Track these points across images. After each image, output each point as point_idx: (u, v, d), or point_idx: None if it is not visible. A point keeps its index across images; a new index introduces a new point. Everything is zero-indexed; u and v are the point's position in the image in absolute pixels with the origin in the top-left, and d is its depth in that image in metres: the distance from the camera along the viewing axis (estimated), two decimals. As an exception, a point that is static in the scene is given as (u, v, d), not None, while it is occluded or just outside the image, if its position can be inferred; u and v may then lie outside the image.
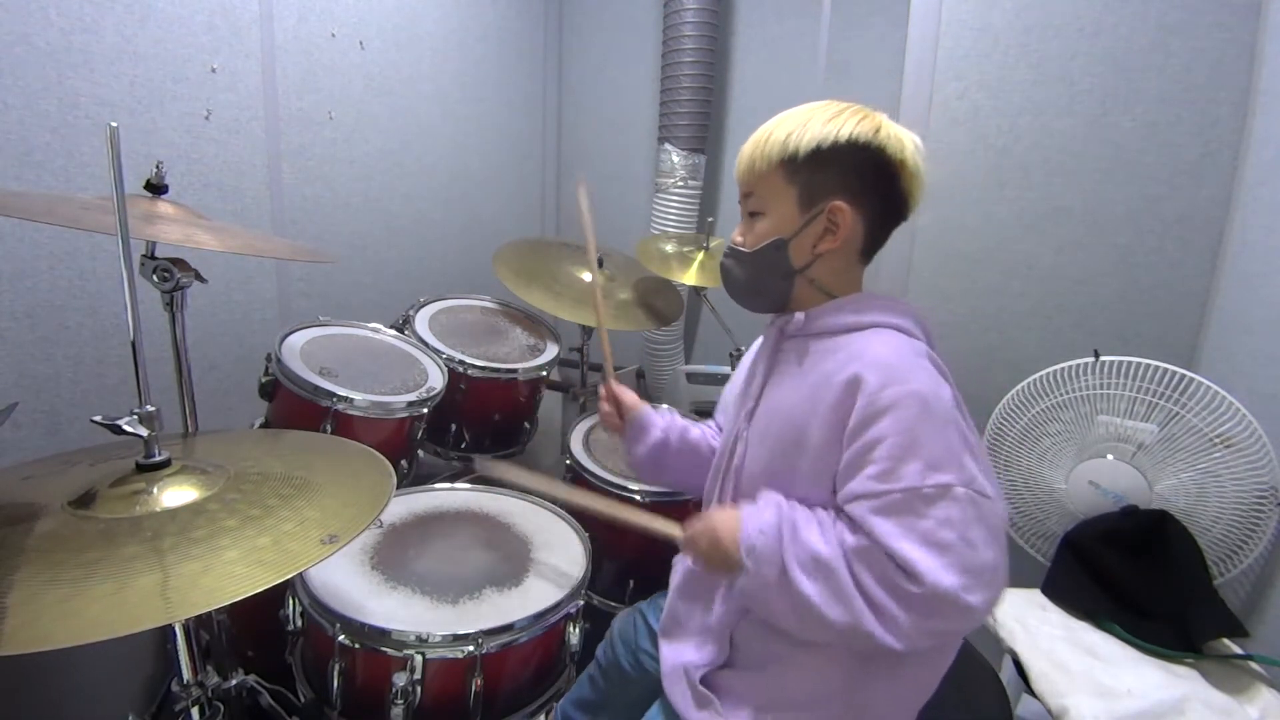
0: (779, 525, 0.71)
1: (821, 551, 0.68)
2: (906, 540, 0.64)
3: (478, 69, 2.19)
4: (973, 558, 0.64)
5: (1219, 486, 1.20)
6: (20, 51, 1.13)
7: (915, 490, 0.65)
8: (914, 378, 0.69)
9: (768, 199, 0.79)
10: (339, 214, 1.77)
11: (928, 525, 0.64)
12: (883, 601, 0.65)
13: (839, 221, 0.77)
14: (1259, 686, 1.06)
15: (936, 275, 1.69)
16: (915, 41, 1.60)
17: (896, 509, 0.66)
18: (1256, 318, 1.31)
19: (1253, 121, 1.40)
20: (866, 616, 0.65)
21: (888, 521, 0.66)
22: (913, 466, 0.66)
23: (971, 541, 0.64)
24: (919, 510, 0.65)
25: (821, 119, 0.76)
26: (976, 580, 0.64)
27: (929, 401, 0.68)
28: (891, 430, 0.67)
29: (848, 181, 0.76)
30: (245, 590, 0.56)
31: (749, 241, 0.81)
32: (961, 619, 0.65)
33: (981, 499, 0.66)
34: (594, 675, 1.05)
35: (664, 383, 2.44)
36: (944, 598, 0.63)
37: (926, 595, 0.63)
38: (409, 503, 1.19)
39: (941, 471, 0.65)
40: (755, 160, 0.79)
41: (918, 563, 0.63)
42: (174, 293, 0.99)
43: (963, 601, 0.63)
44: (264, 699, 0.97)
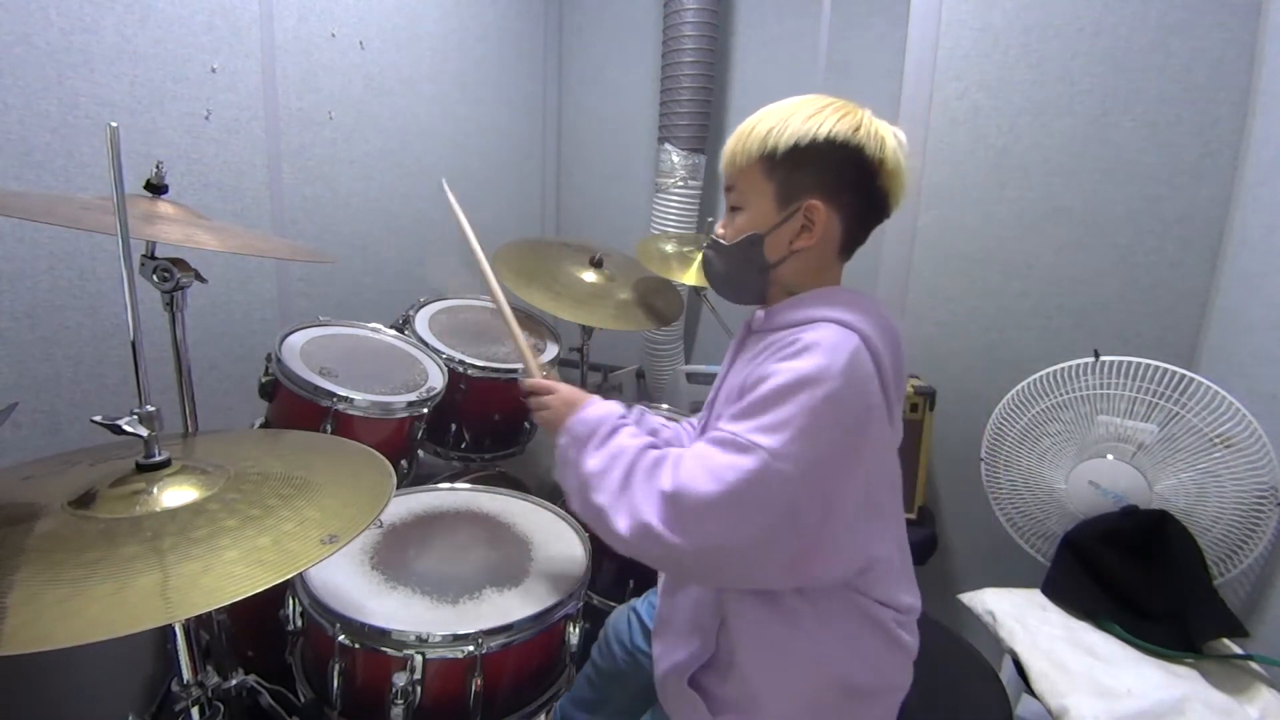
0: (598, 421, 0.80)
1: (613, 452, 0.76)
2: (693, 459, 0.71)
3: (478, 69, 2.19)
4: (729, 505, 0.68)
5: (1219, 486, 1.20)
6: (20, 51, 1.13)
7: (736, 436, 0.70)
8: (808, 359, 0.70)
9: (747, 194, 0.81)
10: (339, 214, 1.77)
11: (721, 460, 0.69)
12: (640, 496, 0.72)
13: (814, 220, 0.77)
14: (1259, 686, 1.06)
15: (936, 275, 1.69)
16: (915, 41, 1.60)
17: (714, 441, 0.71)
18: (1256, 318, 1.32)
19: (1253, 121, 1.40)
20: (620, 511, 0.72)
21: (701, 444, 0.73)
22: (749, 422, 0.70)
23: (740, 494, 0.67)
24: (726, 448, 0.70)
25: (802, 116, 0.76)
26: (701, 528, 0.68)
27: (804, 381, 0.69)
28: (759, 391, 0.71)
29: (825, 180, 0.77)
30: (245, 590, 0.56)
31: (728, 234, 0.83)
32: (659, 543, 0.69)
33: (777, 476, 0.67)
34: (590, 675, 1.06)
35: (664, 383, 2.44)
36: (684, 508, 0.68)
37: (677, 500, 0.69)
38: (409, 503, 1.19)
39: (764, 434, 0.68)
40: (736, 155, 0.80)
41: (687, 472, 0.69)
42: (174, 293, 0.99)
43: (669, 532, 0.68)
44: (264, 699, 0.97)
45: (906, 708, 0.83)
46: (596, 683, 1.05)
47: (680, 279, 1.71)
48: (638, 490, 0.73)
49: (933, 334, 1.72)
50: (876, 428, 0.73)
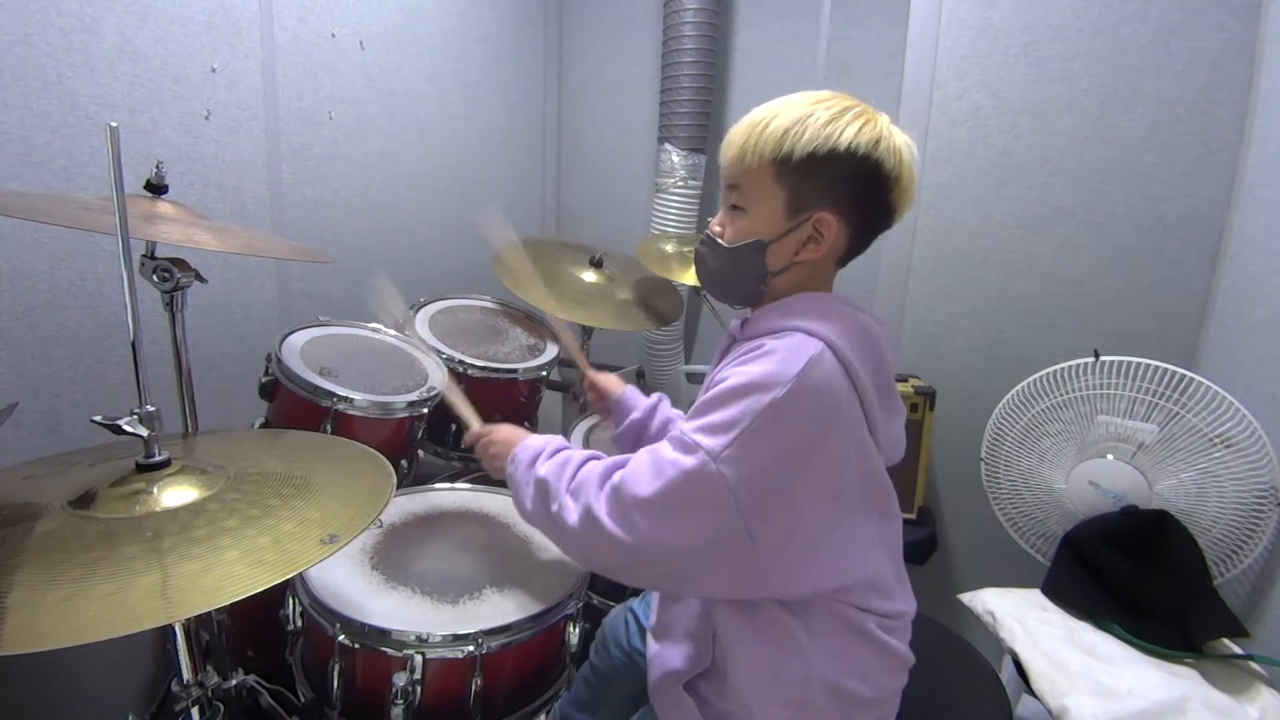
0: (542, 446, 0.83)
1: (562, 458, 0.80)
2: (647, 451, 0.72)
3: (478, 69, 2.19)
4: (655, 506, 0.68)
5: (1219, 486, 1.20)
6: (20, 51, 1.13)
7: (684, 434, 0.70)
8: (760, 366, 0.69)
9: (753, 196, 0.76)
10: (339, 214, 1.77)
11: (666, 457, 0.70)
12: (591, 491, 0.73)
13: (824, 233, 0.75)
14: (1259, 686, 1.06)
15: (936, 275, 1.69)
16: (915, 41, 1.60)
17: (671, 437, 0.72)
18: (1256, 318, 1.31)
19: (1253, 121, 1.40)
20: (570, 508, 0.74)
21: (663, 440, 0.73)
22: (697, 422, 0.70)
23: (667, 497, 0.68)
24: (673, 446, 0.70)
25: (821, 120, 0.72)
26: (643, 522, 0.69)
27: (751, 386, 0.68)
28: (709, 395, 0.71)
29: (837, 192, 0.74)
30: (245, 590, 0.56)
31: (728, 235, 0.79)
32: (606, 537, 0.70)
33: (713, 477, 0.67)
34: (587, 675, 1.06)
35: (664, 383, 2.44)
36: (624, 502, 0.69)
37: (613, 486, 0.71)
38: (409, 503, 1.19)
39: (707, 435, 0.68)
40: (746, 153, 0.75)
41: (634, 467, 0.71)
42: (174, 293, 1.00)
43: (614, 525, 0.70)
44: (264, 699, 0.97)
45: (906, 708, 0.83)
46: (594, 683, 1.05)
47: (680, 279, 1.71)
48: (589, 485, 0.74)
49: (933, 334, 1.72)
50: (839, 439, 0.69)
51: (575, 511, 0.73)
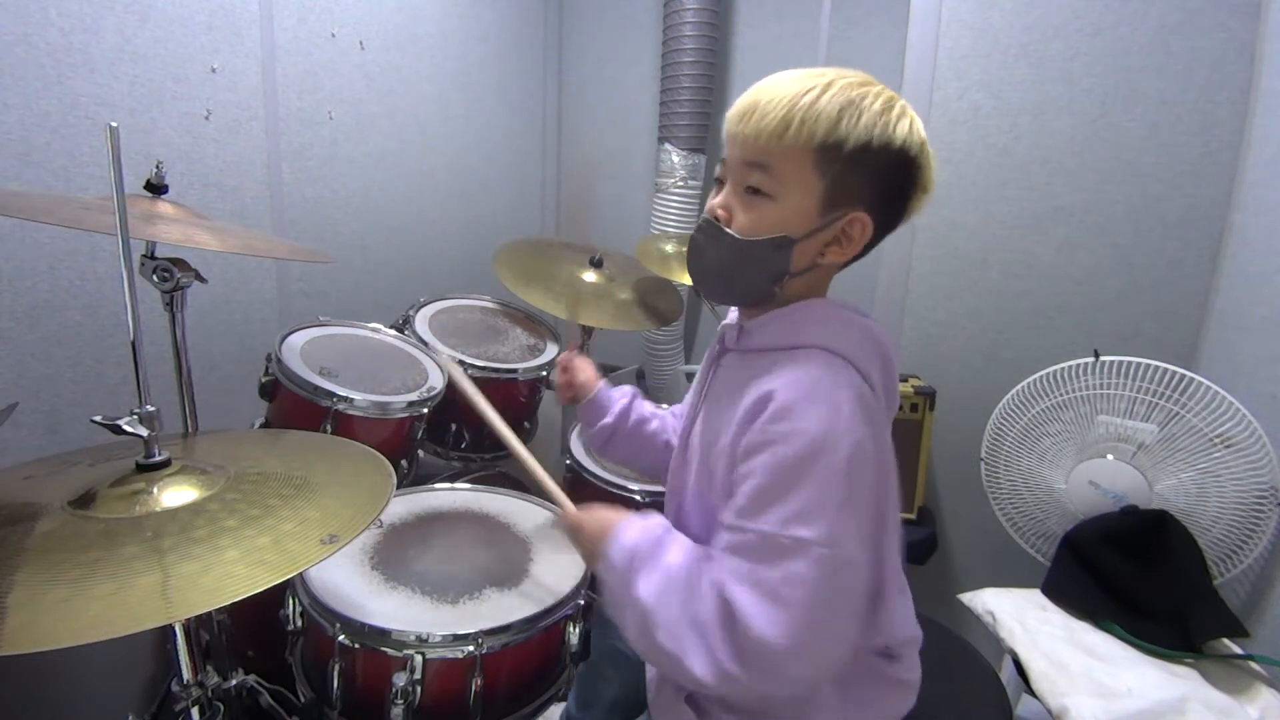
0: (640, 550, 0.68)
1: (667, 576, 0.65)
2: (743, 586, 0.60)
3: (478, 69, 2.19)
4: (806, 622, 0.58)
5: (1219, 486, 1.20)
6: (20, 51, 1.13)
7: (771, 537, 0.60)
8: (812, 416, 0.61)
9: (788, 183, 0.65)
10: (339, 214, 1.77)
11: (773, 577, 0.59)
12: (710, 636, 0.61)
13: (855, 235, 0.67)
14: (1259, 686, 1.06)
15: (936, 275, 1.69)
16: (915, 41, 1.60)
17: (748, 550, 0.61)
18: (1256, 318, 1.31)
19: (1253, 121, 1.40)
20: (688, 645, 0.61)
21: (736, 560, 0.61)
22: (776, 511, 0.60)
23: (815, 606, 0.58)
24: (769, 558, 0.59)
25: (875, 108, 0.63)
26: (806, 650, 0.59)
27: (818, 446, 0.60)
28: (766, 466, 0.61)
29: (876, 191, 0.66)
30: (245, 590, 0.56)
31: (744, 225, 0.67)
32: (774, 682, 0.60)
33: (842, 565, 0.60)
34: (583, 671, 1.03)
35: (664, 383, 2.44)
36: (764, 654, 0.58)
37: (749, 645, 0.58)
38: (409, 503, 1.19)
39: (805, 525, 0.59)
40: (790, 126, 0.62)
41: (747, 611, 0.59)
42: (174, 293, 1.00)
43: (785, 669, 0.59)
44: (264, 699, 0.97)
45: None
46: (586, 678, 1.02)
47: (680, 279, 1.71)
48: (710, 630, 0.61)
49: (933, 334, 1.72)
50: (889, 454, 0.65)
51: (705, 665, 0.61)
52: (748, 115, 0.65)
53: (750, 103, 0.65)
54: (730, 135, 0.68)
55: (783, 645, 0.58)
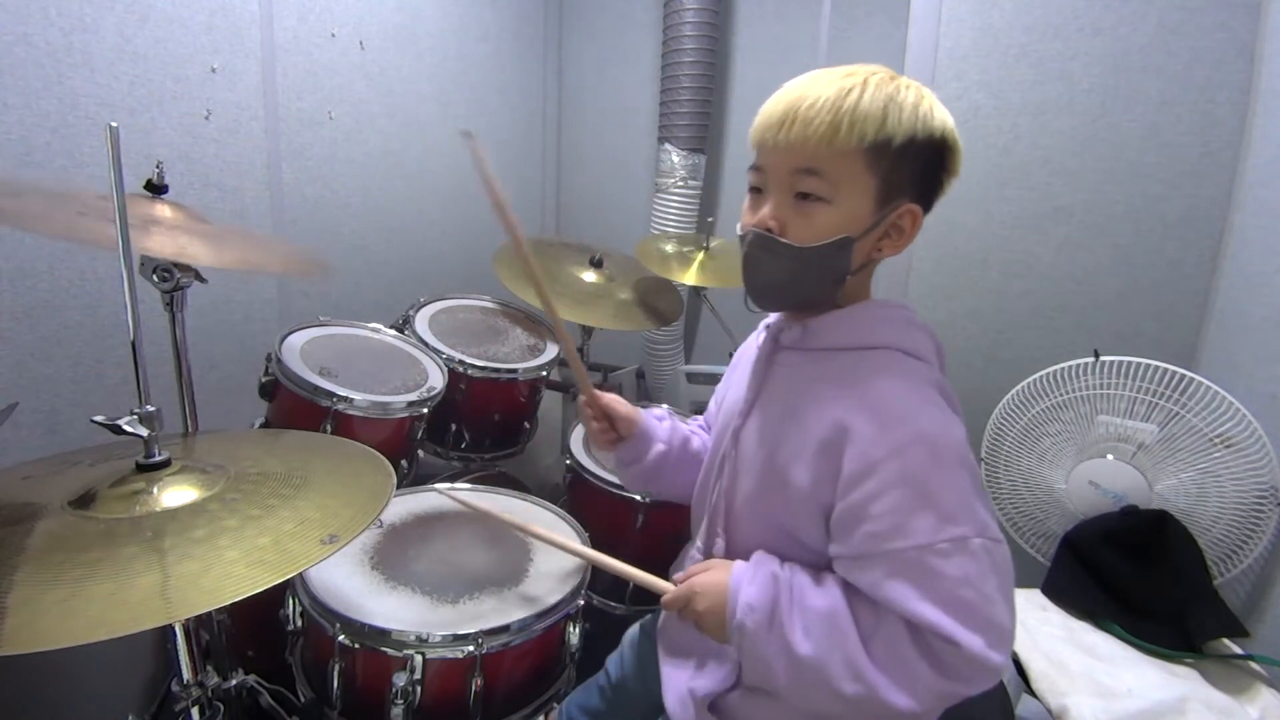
0: (773, 601, 0.65)
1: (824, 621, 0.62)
2: (926, 603, 0.59)
3: (478, 69, 2.19)
4: (992, 613, 0.59)
5: (1219, 486, 1.20)
6: (20, 51, 1.13)
7: (929, 547, 0.59)
8: (920, 416, 0.62)
9: (841, 185, 0.65)
10: (339, 214, 1.77)
11: (946, 585, 0.58)
12: (907, 665, 0.60)
13: (905, 226, 0.68)
14: (1259, 686, 1.06)
15: (936, 275, 1.69)
16: (915, 41, 1.60)
17: (908, 570, 0.59)
18: (1256, 318, 1.31)
19: (1253, 121, 1.40)
20: (882, 684, 0.60)
21: (902, 584, 0.59)
22: (924, 520, 0.59)
23: (989, 596, 0.59)
24: (935, 568, 0.59)
25: (912, 101, 0.64)
26: (998, 637, 0.59)
27: (938, 444, 0.61)
28: (896, 480, 0.60)
29: (921, 181, 0.68)
30: (245, 590, 0.56)
31: (804, 233, 0.66)
32: (985, 679, 0.60)
33: (995, 547, 0.61)
34: (603, 685, 1.01)
35: (664, 383, 2.45)
36: (974, 660, 0.58)
37: (959, 657, 0.58)
38: (409, 503, 1.19)
39: (956, 524, 0.59)
40: (840, 131, 0.62)
41: (946, 626, 0.58)
42: (174, 293, 1.00)
43: (990, 661, 0.58)
44: (264, 699, 0.97)
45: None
46: (607, 694, 1.00)
47: (680, 279, 1.71)
48: (908, 661, 0.60)
49: (933, 334, 1.72)
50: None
51: (907, 695, 0.60)
52: (788, 122, 0.64)
53: (787, 109, 0.65)
54: (768, 144, 0.67)
55: (982, 644, 0.58)
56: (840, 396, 0.65)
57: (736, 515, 0.76)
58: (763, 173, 0.69)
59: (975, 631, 0.58)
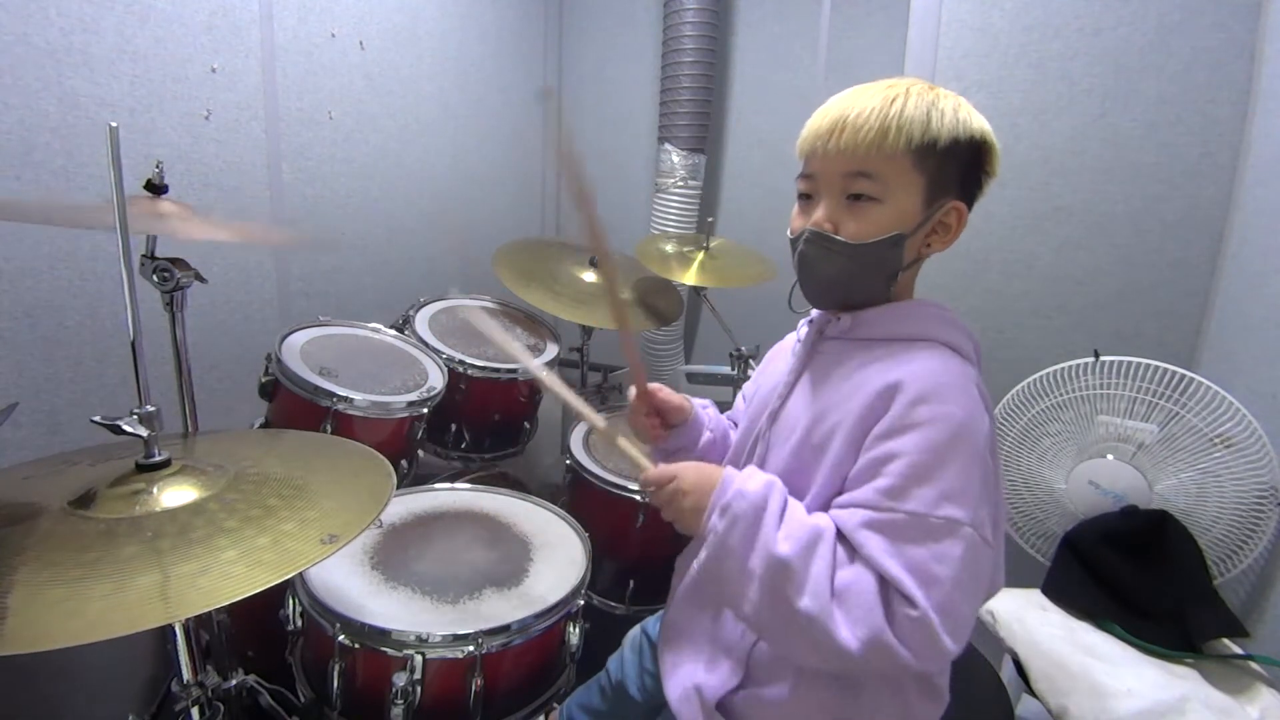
0: (765, 499, 0.66)
1: (809, 533, 0.64)
2: (895, 561, 0.60)
3: (478, 69, 2.19)
4: (955, 599, 0.60)
5: (1219, 486, 1.20)
6: (20, 51, 1.13)
7: (921, 517, 0.61)
8: (955, 401, 0.64)
9: (892, 184, 0.69)
10: (339, 214, 1.77)
11: (922, 554, 0.60)
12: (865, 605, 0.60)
13: (951, 223, 0.72)
14: (1259, 686, 1.06)
15: (936, 275, 1.68)
16: (915, 41, 1.60)
17: (895, 529, 0.61)
18: (1256, 318, 1.31)
19: (1253, 121, 1.40)
20: (837, 612, 0.61)
21: (881, 538, 0.62)
22: (926, 491, 0.61)
23: (960, 585, 0.60)
24: (917, 538, 0.61)
25: (951, 106, 0.70)
26: (954, 624, 0.60)
27: (964, 430, 0.63)
28: (916, 448, 0.62)
29: (964, 180, 0.72)
30: (245, 590, 0.56)
31: (858, 231, 0.70)
32: (930, 654, 0.60)
33: (981, 545, 0.62)
34: (604, 686, 1.00)
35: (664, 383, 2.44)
36: (927, 628, 0.59)
37: (917, 619, 0.59)
38: (409, 503, 1.19)
39: (954, 505, 0.61)
40: (889, 133, 0.67)
41: (907, 585, 0.59)
42: (174, 293, 1.00)
43: (940, 639, 0.59)
44: (264, 699, 0.97)
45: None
46: (608, 694, 0.99)
47: (680, 279, 1.71)
48: (866, 604, 0.61)
49: (933, 334, 1.72)
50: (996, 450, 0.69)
51: (851, 631, 0.60)
52: (838, 130, 0.69)
53: (836, 119, 0.69)
54: (818, 152, 0.71)
55: (937, 620, 0.59)
56: (890, 370, 0.68)
57: None
58: (813, 179, 0.73)
59: (935, 607, 0.59)
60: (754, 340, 1.66)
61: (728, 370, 1.72)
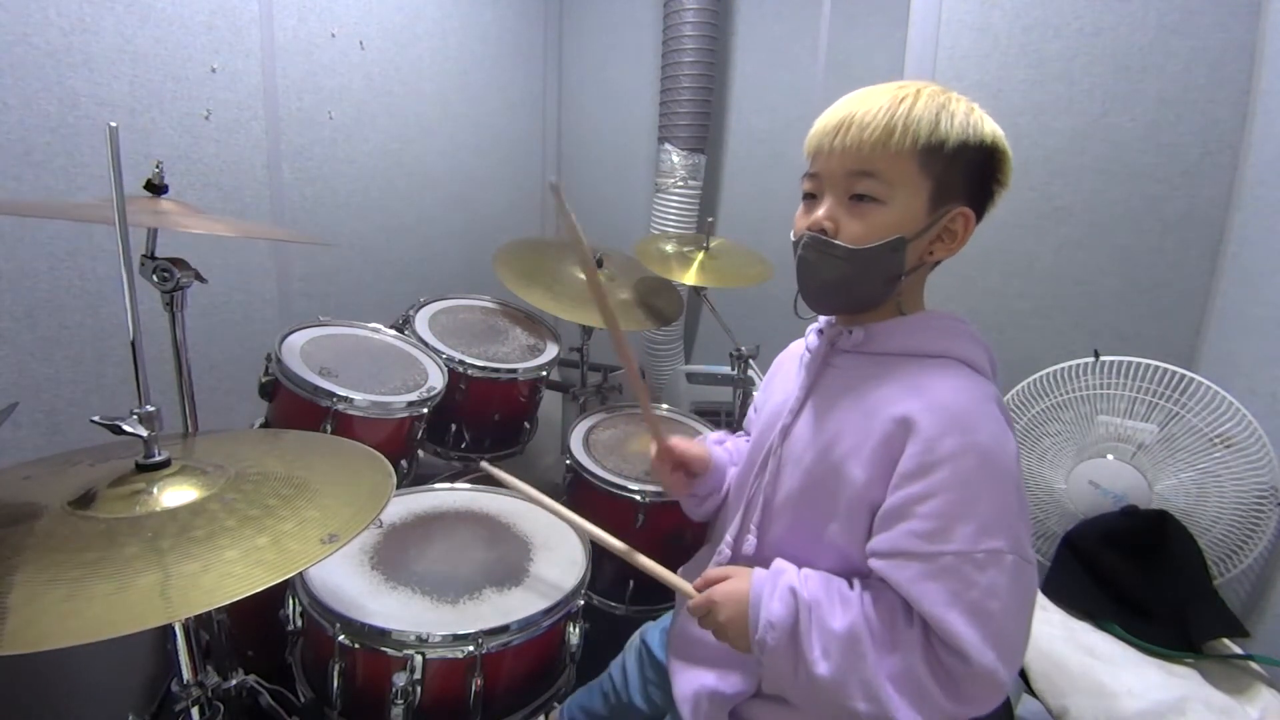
0: (794, 619, 0.65)
1: (842, 643, 0.63)
2: (954, 610, 0.60)
3: (478, 69, 2.19)
4: (1011, 630, 0.61)
5: (1219, 486, 1.20)
6: (20, 51, 1.13)
7: (966, 555, 0.60)
8: (980, 428, 0.63)
9: (896, 186, 0.67)
10: (339, 214, 1.77)
11: (975, 595, 0.60)
12: (920, 686, 0.61)
13: (957, 230, 0.70)
14: (1259, 686, 1.06)
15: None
16: (915, 41, 1.60)
17: (944, 574, 0.60)
18: (1256, 318, 1.31)
19: (1253, 121, 1.40)
20: (895, 704, 0.61)
21: (935, 587, 0.61)
22: (966, 528, 0.60)
23: (1011, 612, 0.60)
24: (968, 576, 0.60)
25: (963, 109, 0.68)
26: (1010, 655, 0.61)
27: (992, 457, 0.62)
28: (947, 485, 0.61)
29: (973, 186, 0.70)
30: (245, 590, 0.56)
31: (858, 234, 0.68)
32: (992, 698, 0.61)
33: (1026, 567, 0.62)
34: (606, 690, 1.01)
35: (664, 383, 2.44)
36: (985, 676, 0.59)
37: (967, 674, 0.60)
38: (409, 503, 1.19)
39: (994, 536, 0.60)
40: (894, 133, 0.65)
41: (965, 638, 0.59)
42: (174, 293, 0.99)
43: (998, 678, 0.59)
44: (264, 699, 0.97)
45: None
46: (611, 699, 1.00)
47: (680, 279, 1.71)
48: (924, 686, 0.61)
49: (933, 334, 1.72)
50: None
51: (917, 715, 0.61)
52: (844, 128, 0.67)
53: (844, 117, 0.68)
54: (824, 150, 0.70)
55: (995, 659, 0.59)
56: (906, 396, 0.66)
57: (773, 513, 0.76)
58: (818, 178, 0.71)
59: (990, 645, 0.59)
60: (754, 340, 1.66)
61: (728, 370, 1.72)
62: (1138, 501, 1.26)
